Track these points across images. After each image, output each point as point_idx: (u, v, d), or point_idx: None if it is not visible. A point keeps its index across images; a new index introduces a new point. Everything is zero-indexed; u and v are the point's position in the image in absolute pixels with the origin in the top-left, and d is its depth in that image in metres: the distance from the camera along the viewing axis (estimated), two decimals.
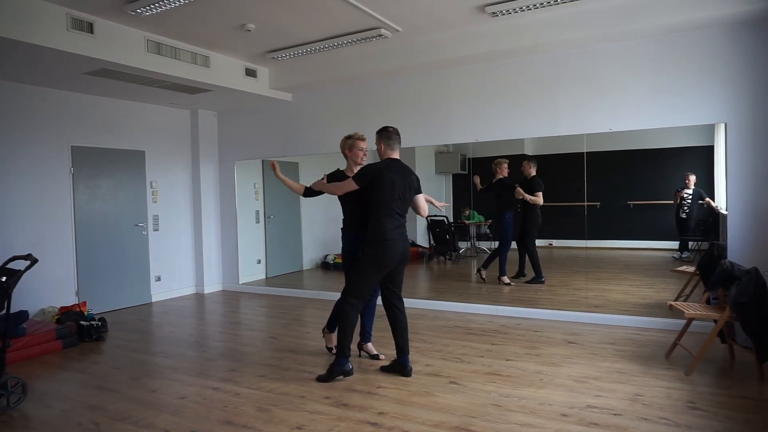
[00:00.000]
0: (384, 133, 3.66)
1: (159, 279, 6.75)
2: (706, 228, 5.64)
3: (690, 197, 5.69)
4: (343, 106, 6.38)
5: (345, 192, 3.69)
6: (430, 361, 3.94)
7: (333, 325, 4.10)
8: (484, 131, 5.54)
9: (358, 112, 6.23)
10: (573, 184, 5.60)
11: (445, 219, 7.35)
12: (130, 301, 6.36)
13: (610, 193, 6.16)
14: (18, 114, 5.32)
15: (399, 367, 3.67)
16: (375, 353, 4.05)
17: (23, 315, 4.37)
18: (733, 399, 3.14)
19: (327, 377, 3.57)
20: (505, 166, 6.23)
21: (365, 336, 4.08)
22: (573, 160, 5.45)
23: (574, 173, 5.49)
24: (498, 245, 6.38)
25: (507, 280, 6.21)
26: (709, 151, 5.44)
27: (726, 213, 4.56)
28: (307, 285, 7.68)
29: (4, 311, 3.23)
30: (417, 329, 4.82)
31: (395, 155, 3.65)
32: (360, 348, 4.10)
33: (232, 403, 3.26)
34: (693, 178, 5.68)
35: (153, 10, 4.32)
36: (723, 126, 4.59)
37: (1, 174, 5.18)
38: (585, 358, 3.94)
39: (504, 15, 4.58)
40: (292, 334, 4.94)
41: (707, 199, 5.48)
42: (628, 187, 6.25)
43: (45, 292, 5.43)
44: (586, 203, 5.47)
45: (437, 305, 5.79)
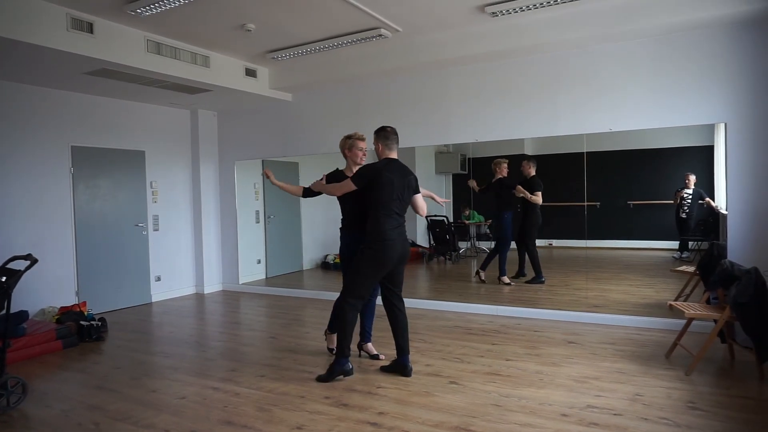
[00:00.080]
0: (382, 133, 3.65)
1: (159, 279, 6.75)
2: (706, 228, 5.64)
3: (690, 197, 5.69)
4: (343, 106, 6.38)
5: (344, 193, 3.70)
6: (430, 361, 3.94)
7: (334, 327, 4.10)
8: (484, 131, 5.54)
9: (358, 112, 6.23)
10: (573, 184, 5.60)
11: (445, 219, 7.34)
12: (130, 301, 6.36)
13: (610, 193, 6.16)
14: (18, 114, 5.32)
15: (399, 367, 3.67)
16: (375, 353, 4.05)
17: (23, 315, 4.37)
18: (733, 399, 3.14)
19: (327, 377, 3.57)
20: (505, 165, 6.23)
21: (365, 336, 4.08)
22: (573, 160, 5.45)
23: (573, 173, 5.49)
24: (495, 245, 6.38)
25: (507, 280, 6.22)
26: (709, 151, 5.44)
27: (726, 213, 4.56)
28: (307, 285, 7.68)
29: (4, 311, 3.23)
30: (417, 329, 4.82)
31: (393, 155, 3.65)
32: (360, 348, 4.10)
33: (232, 403, 3.26)
34: (693, 178, 5.68)
35: (153, 10, 4.32)
36: (723, 126, 4.59)
37: (1, 174, 5.18)
38: (585, 358, 3.95)
39: (504, 15, 4.58)
40: (291, 334, 4.94)
41: (707, 199, 5.47)
42: (627, 187, 6.25)
43: (45, 292, 5.43)
44: (586, 203, 5.47)
45: (437, 305, 5.79)
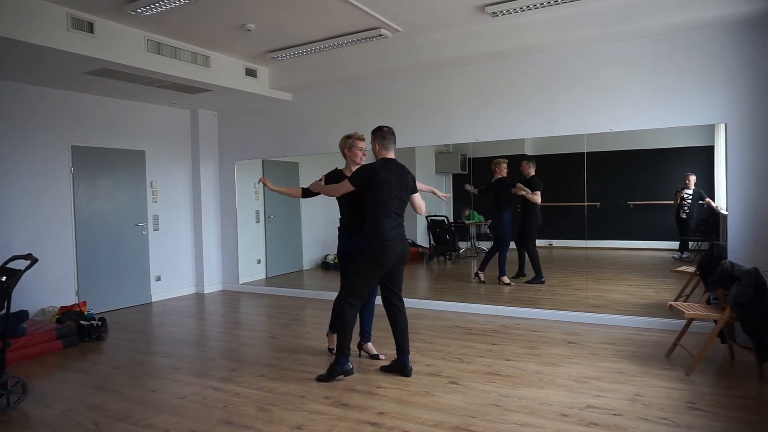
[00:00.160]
0: (378, 133, 3.64)
1: (159, 279, 6.75)
2: (706, 228, 5.64)
3: (690, 197, 5.69)
4: (343, 106, 6.38)
5: (341, 193, 3.71)
6: (430, 361, 3.94)
7: (335, 327, 4.10)
8: (484, 131, 5.54)
9: (358, 112, 6.23)
10: (573, 184, 5.60)
11: (446, 219, 7.34)
12: (130, 301, 6.36)
13: (610, 193, 6.16)
14: (18, 114, 5.32)
15: (399, 367, 3.67)
16: (375, 353, 4.05)
17: (23, 315, 4.37)
18: (733, 399, 3.14)
19: (327, 377, 3.57)
20: (504, 166, 6.23)
21: (365, 336, 4.08)
22: (573, 160, 5.45)
23: (574, 173, 5.49)
24: (492, 245, 6.38)
25: (507, 280, 6.22)
26: (709, 151, 5.44)
27: (726, 213, 4.56)
28: (307, 285, 7.68)
29: (4, 311, 3.23)
30: (417, 329, 4.82)
31: (390, 155, 3.64)
32: (360, 348, 4.10)
33: (232, 403, 3.26)
34: (693, 178, 5.68)
35: (153, 9, 4.32)
36: (723, 126, 4.59)
37: (1, 174, 5.18)
38: (585, 358, 3.94)
39: (504, 15, 4.58)
40: (291, 334, 4.94)
41: (707, 200, 5.47)
42: (628, 187, 6.25)
43: (45, 291, 5.43)
44: (586, 203, 5.47)
45: (437, 305, 5.79)
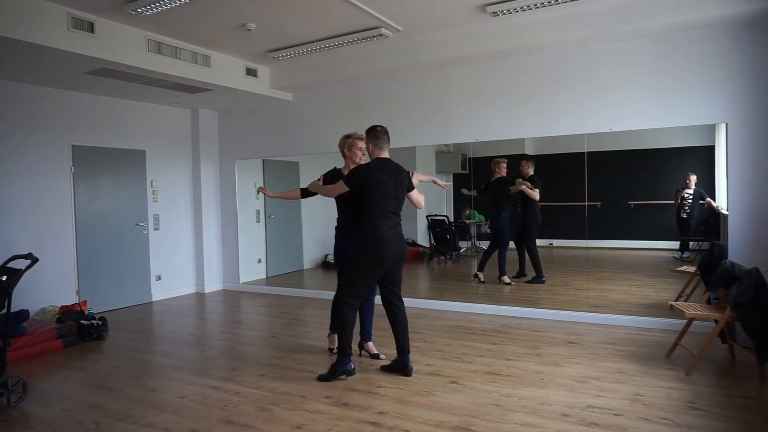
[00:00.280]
0: (372, 133, 3.62)
1: (159, 278, 6.75)
2: (706, 228, 5.64)
3: (691, 197, 5.69)
4: (344, 105, 6.38)
5: (338, 194, 3.72)
6: (430, 361, 3.94)
7: (335, 327, 4.10)
8: (484, 131, 5.54)
9: (358, 111, 6.23)
10: (573, 183, 5.60)
11: (446, 218, 7.34)
12: (130, 301, 6.36)
13: (610, 193, 6.16)
14: (18, 114, 5.32)
15: (399, 367, 3.67)
16: (375, 352, 4.05)
17: (24, 314, 4.38)
18: (734, 399, 3.14)
19: (329, 376, 3.57)
20: (504, 165, 6.23)
21: (365, 335, 4.08)
22: (573, 159, 5.45)
23: (574, 173, 5.49)
24: (489, 245, 6.38)
25: (507, 279, 6.21)
26: (710, 151, 5.43)
27: (727, 213, 4.56)
28: (308, 284, 7.68)
29: (4, 310, 3.23)
30: (417, 329, 4.82)
31: (384, 154, 3.62)
32: (360, 347, 4.11)
33: (232, 403, 3.26)
34: (694, 178, 5.68)
35: (153, 9, 4.32)
36: (723, 126, 4.59)
37: (2, 174, 5.18)
38: (585, 358, 3.94)
39: (504, 15, 4.58)
40: (292, 333, 4.94)
41: (708, 199, 5.47)
42: (628, 187, 6.25)
43: (45, 291, 5.43)
44: (586, 203, 5.47)
45: (438, 305, 5.79)
